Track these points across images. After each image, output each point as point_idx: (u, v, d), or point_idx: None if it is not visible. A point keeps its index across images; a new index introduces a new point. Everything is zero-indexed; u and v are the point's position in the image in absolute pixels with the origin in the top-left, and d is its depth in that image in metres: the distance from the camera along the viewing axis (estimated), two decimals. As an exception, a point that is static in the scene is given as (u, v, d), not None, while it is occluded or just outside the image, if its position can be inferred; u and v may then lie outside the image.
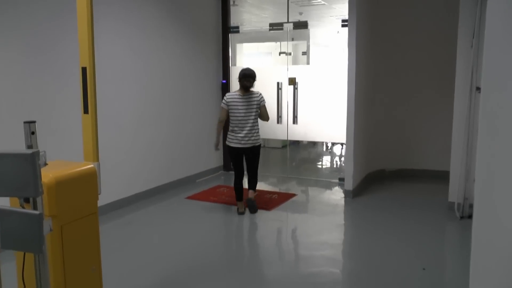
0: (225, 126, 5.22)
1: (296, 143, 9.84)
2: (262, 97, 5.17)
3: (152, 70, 6.01)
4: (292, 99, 7.02)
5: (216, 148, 5.11)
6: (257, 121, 5.15)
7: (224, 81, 7.35)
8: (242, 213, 5.28)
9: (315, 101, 6.94)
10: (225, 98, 5.17)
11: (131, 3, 5.55)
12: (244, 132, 5.02)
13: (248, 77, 5.06)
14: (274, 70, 7.44)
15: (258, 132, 5.15)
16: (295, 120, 7.02)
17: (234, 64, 7.77)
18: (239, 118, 5.04)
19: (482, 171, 2.20)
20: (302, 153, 9.91)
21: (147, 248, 4.35)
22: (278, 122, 7.12)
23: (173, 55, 6.38)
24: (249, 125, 5.02)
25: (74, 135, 4.16)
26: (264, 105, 5.16)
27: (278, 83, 7.10)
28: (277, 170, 8.03)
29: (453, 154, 5.26)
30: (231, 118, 5.09)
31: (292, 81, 6.96)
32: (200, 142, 7.03)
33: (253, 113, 5.06)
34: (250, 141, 5.07)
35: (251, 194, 5.45)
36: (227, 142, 5.20)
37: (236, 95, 5.10)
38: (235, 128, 5.05)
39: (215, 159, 7.45)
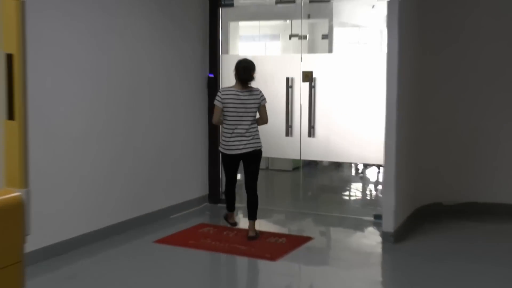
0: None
1: (313, 164, 10.02)
2: (263, 95, 5.91)
3: (113, 60, 6.12)
4: (308, 101, 7.13)
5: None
6: (255, 122, 5.88)
7: (212, 75, 7.55)
8: (234, 224, 6.28)
9: (340, 104, 7.06)
10: (219, 94, 5.83)
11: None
12: (243, 135, 5.72)
13: (248, 70, 5.76)
14: (283, 61, 7.64)
15: (258, 134, 5.90)
16: (311, 132, 7.15)
17: (226, 52, 7.95)
18: (236, 119, 5.70)
19: None
20: (322, 178, 10.04)
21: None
22: (287, 135, 7.27)
23: (142, 40, 6.52)
24: (248, 127, 5.75)
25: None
26: (265, 105, 5.89)
27: (288, 79, 7.22)
28: (285, 202, 8.12)
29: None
30: (225, 118, 5.77)
31: (308, 76, 7.08)
32: (177, 162, 7.17)
33: (253, 113, 5.79)
34: (249, 145, 5.79)
35: (251, 229, 6.02)
36: (221, 149, 5.93)
37: (233, 91, 5.77)
38: (231, 131, 5.72)
39: (198, 186, 7.62)
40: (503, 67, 7.04)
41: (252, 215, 6.12)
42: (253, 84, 6.03)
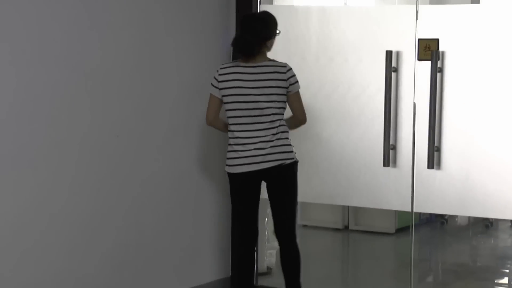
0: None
1: (438, 223, 9.09)
2: (294, 74, 5.15)
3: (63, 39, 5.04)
4: (429, 99, 5.58)
5: None
6: (280, 120, 5.16)
7: None
8: None
9: (495, 106, 5.57)
10: (216, 75, 5.31)
11: None
12: (255, 141, 5.06)
13: (248, 28, 5.08)
14: (380, 18, 6.00)
15: (285, 139, 5.16)
16: (433, 160, 5.62)
17: (269, 0, 6.51)
18: (243, 114, 5.09)
19: None
20: (455, 250, 8.75)
21: None
22: (386, 164, 5.63)
23: None
24: (265, 126, 5.06)
25: None
26: (298, 92, 5.20)
27: (389, 55, 5.67)
28: None
29: None
30: (228, 117, 5.24)
31: (428, 49, 5.72)
32: (167, 216, 5.84)
33: (270, 103, 5.08)
34: (268, 158, 5.05)
35: None
36: (226, 168, 5.35)
37: (236, 67, 5.21)
38: (237, 136, 5.14)
39: (212, 263, 6.22)
40: None
41: (292, 282, 5.34)
42: (311, 61, 5.67)
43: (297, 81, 5.03)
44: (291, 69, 5.04)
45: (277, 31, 5.14)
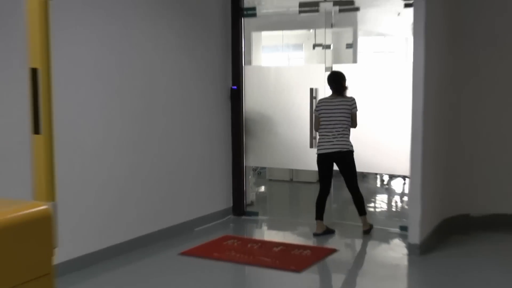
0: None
1: (338, 175, 8.95)
2: (355, 104, 6.74)
3: (133, 72, 6.23)
4: None
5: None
6: (347, 128, 6.70)
7: (235, 87, 7.74)
8: (317, 235, 6.78)
9: (366, 115, 7.18)
10: (316, 104, 6.88)
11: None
12: (330, 136, 6.62)
13: (332, 82, 6.75)
14: (306, 71, 7.99)
15: (347, 138, 6.71)
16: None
17: (249, 63, 8.07)
18: (326, 122, 6.65)
19: None
20: (347, 190, 9.15)
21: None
22: (311, 146, 7.48)
23: (161, 50, 6.64)
24: (336, 129, 6.63)
25: (20, 164, 4.34)
26: (355, 114, 6.75)
27: (311, 90, 7.47)
28: (310, 214, 7.91)
29: None
30: (320, 123, 6.79)
31: None
32: (200, 174, 7.37)
33: (342, 118, 6.67)
34: (336, 146, 6.63)
35: (364, 224, 6.95)
36: (316, 151, 6.81)
37: (327, 99, 6.81)
38: (323, 132, 6.71)
39: (222, 198, 7.80)
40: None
41: (359, 211, 6.98)
42: (271, 94, 7.33)
43: (356, 108, 6.70)
44: (354, 100, 6.69)
45: (346, 83, 6.73)
